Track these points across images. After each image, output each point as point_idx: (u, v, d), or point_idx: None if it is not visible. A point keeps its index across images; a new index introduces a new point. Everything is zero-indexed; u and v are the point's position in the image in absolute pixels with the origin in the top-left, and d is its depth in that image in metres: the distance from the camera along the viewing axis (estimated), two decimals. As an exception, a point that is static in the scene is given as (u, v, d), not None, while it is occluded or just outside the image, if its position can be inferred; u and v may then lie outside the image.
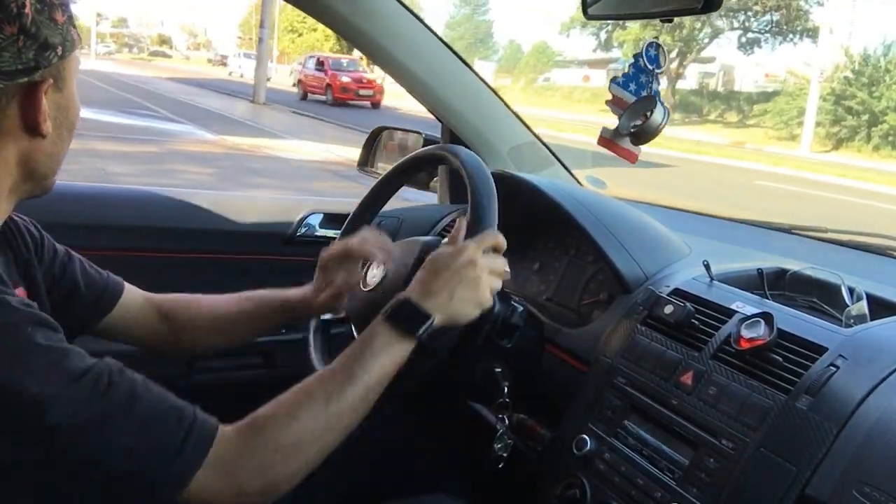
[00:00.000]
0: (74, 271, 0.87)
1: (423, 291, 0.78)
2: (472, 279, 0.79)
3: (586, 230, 1.12)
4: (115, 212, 1.43)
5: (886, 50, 20.23)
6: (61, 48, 0.65)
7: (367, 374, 0.73)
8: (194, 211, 1.49)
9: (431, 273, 0.80)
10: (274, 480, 0.68)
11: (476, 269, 0.80)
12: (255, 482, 0.67)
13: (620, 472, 0.89)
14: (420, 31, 1.33)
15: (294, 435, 0.68)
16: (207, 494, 0.65)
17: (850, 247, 1.34)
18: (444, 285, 0.78)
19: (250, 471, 0.66)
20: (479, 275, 0.80)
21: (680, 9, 1.02)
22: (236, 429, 0.68)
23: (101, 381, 0.61)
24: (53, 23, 0.64)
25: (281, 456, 0.68)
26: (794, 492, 0.73)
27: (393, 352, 0.75)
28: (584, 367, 1.03)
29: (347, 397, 0.72)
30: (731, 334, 0.88)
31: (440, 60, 1.37)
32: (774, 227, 1.50)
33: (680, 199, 1.05)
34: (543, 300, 1.25)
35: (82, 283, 0.87)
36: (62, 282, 0.85)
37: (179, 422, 0.64)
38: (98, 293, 0.89)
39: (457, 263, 0.79)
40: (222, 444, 0.65)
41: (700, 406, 0.85)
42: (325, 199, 1.63)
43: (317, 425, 0.70)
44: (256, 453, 0.67)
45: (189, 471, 0.63)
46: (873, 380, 0.76)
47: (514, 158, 1.45)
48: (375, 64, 1.40)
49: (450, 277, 0.79)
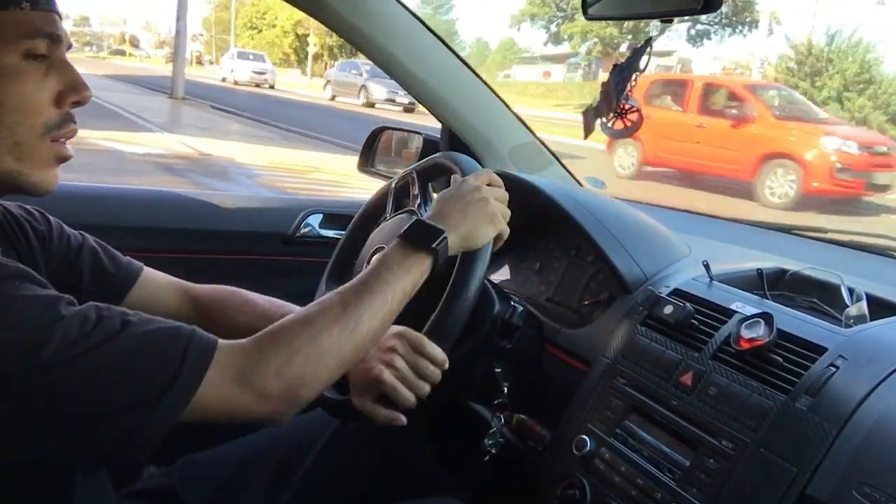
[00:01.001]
0: (83, 260, 0.86)
1: (436, 214, 0.82)
2: (479, 199, 0.83)
3: (586, 231, 1.12)
4: (114, 212, 1.43)
5: (830, 39, 20.06)
6: None
7: (384, 285, 0.73)
8: (194, 211, 1.49)
9: (441, 202, 0.84)
10: (294, 384, 0.67)
11: (481, 192, 0.84)
12: (275, 385, 0.65)
13: (620, 473, 0.89)
14: (419, 30, 1.32)
15: (310, 339, 0.68)
16: (229, 402, 0.64)
17: (850, 247, 1.34)
18: (454, 207, 0.82)
19: (267, 374, 0.65)
20: (486, 196, 0.83)
21: (679, 9, 1.02)
22: (252, 338, 0.67)
23: (90, 317, 0.60)
24: None
25: (299, 359, 0.67)
26: (794, 492, 0.73)
27: (409, 265, 0.76)
28: (584, 367, 1.03)
29: (365, 305, 0.71)
30: (731, 334, 0.88)
31: (440, 60, 1.37)
32: (774, 227, 1.50)
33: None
34: (543, 300, 1.25)
35: (91, 272, 0.86)
36: (70, 272, 0.84)
37: (177, 335, 0.63)
38: (108, 281, 0.88)
39: (463, 189, 0.84)
40: (236, 352, 0.65)
41: (700, 406, 0.85)
42: (325, 199, 1.63)
43: (333, 331, 0.69)
44: (272, 357, 0.66)
45: (195, 378, 0.62)
46: (873, 380, 0.76)
47: (514, 158, 1.45)
48: (375, 64, 1.39)
49: (458, 200, 0.83)
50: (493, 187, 0.87)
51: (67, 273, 0.84)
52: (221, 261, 1.48)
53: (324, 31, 29.92)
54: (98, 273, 0.87)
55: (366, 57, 1.37)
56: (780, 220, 4.65)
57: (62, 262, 0.83)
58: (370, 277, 0.74)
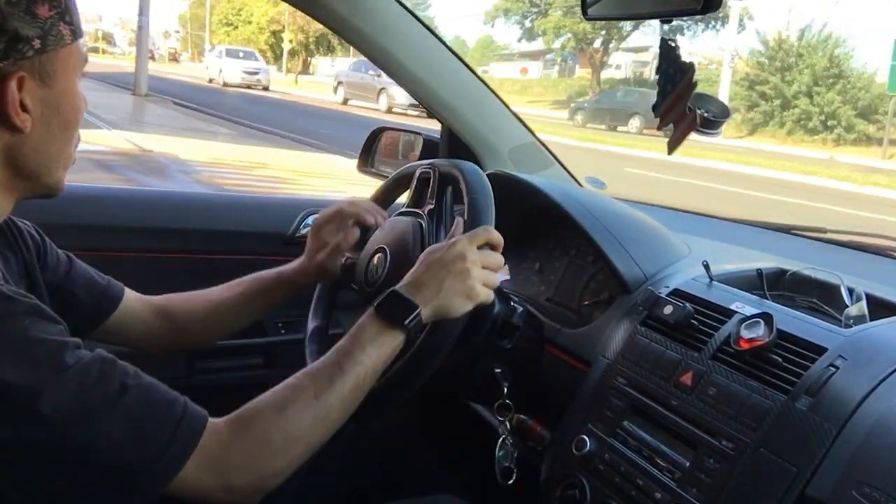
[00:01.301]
0: (75, 278, 0.87)
1: (412, 283, 0.80)
2: (460, 271, 0.80)
3: (586, 231, 1.12)
4: (114, 213, 1.43)
5: (801, 34, 20.14)
6: (39, 42, 0.64)
7: (356, 367, 0.73)
8: (194, 211, 1.49)
9: (422, 265, 0.81)
10: (262, 476, 0.68)
11: (466, 262, 0.80)
12: (243, 477, 0.66)
13: (620, 473, 0.89)
14: (419, 31, 1.32)
15: (283, 430, 0.68)
16: (196, 488, 0.64)
17: (850, 247, 1.34)
18: (433, 277, 0.80)
19: (238, 466, 0.66)
20: (469, 267, 0.80)
21: (679, 9, 1.02)
22: (225, 422, 0.67)
23: (91, 373, 0.61)
24: (31, 16, 0.63)
25: (270, 451, 0.67)
26: (794, 492, 0.73)
27: (381, 343, 0.76)
28: (584, 367, 1.03)
29: (336, 391, 0.72)
30: (731, 335, 0.88)
31: (439, 61, 1.37)
32: (774, 227, 1.50)
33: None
34: (543, 301, 1.25)
35: (82, 292, 0.87)
36: (61, 289, 0.85)
37: (170, 412, 0.64)
38: (97, 301, 0.89)
39: (447, 256, 0.81)
40: (212, 437, 0.65)
41: (700, 406, 0.85)
42: (325, 199, 1.63)
43: (305, 420, 0.69)
44: (244, 448, 0.67)
45: (177, 462, 0.63)
46: (873, 380, 0.76)
47: (514, 159, 1.45)
48: (375, 64, 1.39)
49: (438, 269, 0.80)
50: (485, 251, 0.83)
51: (60, 287, 0.85)
52: (221, 261, 1.48)
53: (298, 26, 29.46)
54: (89, 290, 0.89)
55: (365, 57, 1.37)
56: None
57: (50, 278, 0.84)
58: (343, 357, 0.74)
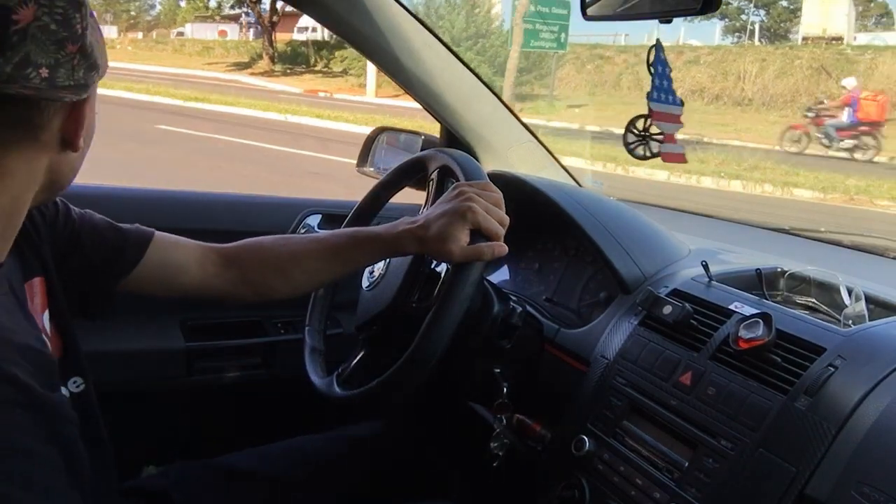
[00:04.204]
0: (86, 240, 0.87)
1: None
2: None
3: (585, 231, 1.12)
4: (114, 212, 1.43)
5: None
6: (103, 69, 0.67)
7: None
8: (194, 211, 1.49)
9: None
10: None
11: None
12: None
13: (619, 473, 0.89)
14: (418, 30, 1.32)
15: None
16: None
17: (849, 247, 1.34)
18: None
19: None
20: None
21: (678, 9, 1.02)
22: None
23: None
24: (98, 44, 0.65)
25: None
26: (793, 492, 0.73)
27: None
28: (583, 367, 1.03)
29: None
30: (730, 335, 0.88)
31: (439, 60, 1.36)
32: (773, 227, 1.50)
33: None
34: (543, 300, 1.26)
35: (94, 245, 0.87)
36: (75, 252, 0.86)
37: None
38: (118, 250, 0.89)
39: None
40: None
41: (699, 406, 0.85)
42: (324, 200, 1.63)
43: None
44: None
45: None
46: (872, 380, 0.76)
47: (513, 159, 1.45)
48: (373, 63, 1.39)
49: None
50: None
51: (73, 253, 0.85)
52: None
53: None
54: (104, 250, 0.89)
55: (365, 57, 1.37)
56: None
57: (68, 243, 0.85)
58: None
